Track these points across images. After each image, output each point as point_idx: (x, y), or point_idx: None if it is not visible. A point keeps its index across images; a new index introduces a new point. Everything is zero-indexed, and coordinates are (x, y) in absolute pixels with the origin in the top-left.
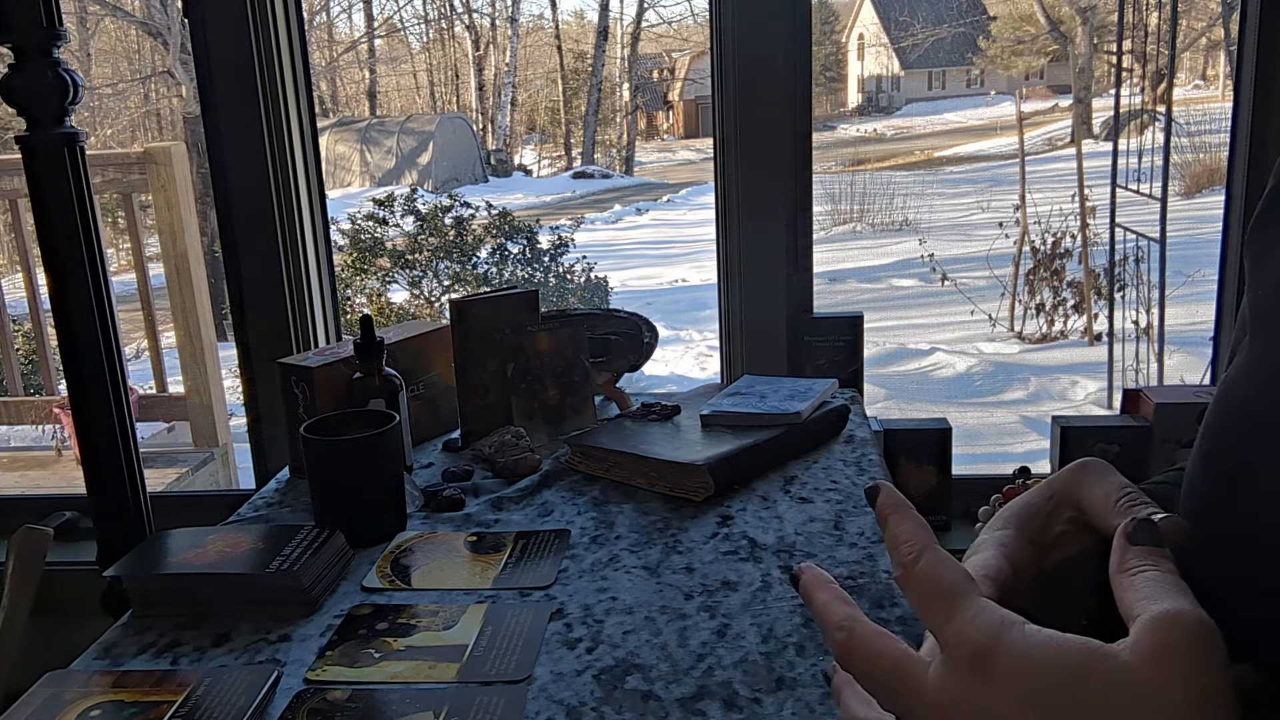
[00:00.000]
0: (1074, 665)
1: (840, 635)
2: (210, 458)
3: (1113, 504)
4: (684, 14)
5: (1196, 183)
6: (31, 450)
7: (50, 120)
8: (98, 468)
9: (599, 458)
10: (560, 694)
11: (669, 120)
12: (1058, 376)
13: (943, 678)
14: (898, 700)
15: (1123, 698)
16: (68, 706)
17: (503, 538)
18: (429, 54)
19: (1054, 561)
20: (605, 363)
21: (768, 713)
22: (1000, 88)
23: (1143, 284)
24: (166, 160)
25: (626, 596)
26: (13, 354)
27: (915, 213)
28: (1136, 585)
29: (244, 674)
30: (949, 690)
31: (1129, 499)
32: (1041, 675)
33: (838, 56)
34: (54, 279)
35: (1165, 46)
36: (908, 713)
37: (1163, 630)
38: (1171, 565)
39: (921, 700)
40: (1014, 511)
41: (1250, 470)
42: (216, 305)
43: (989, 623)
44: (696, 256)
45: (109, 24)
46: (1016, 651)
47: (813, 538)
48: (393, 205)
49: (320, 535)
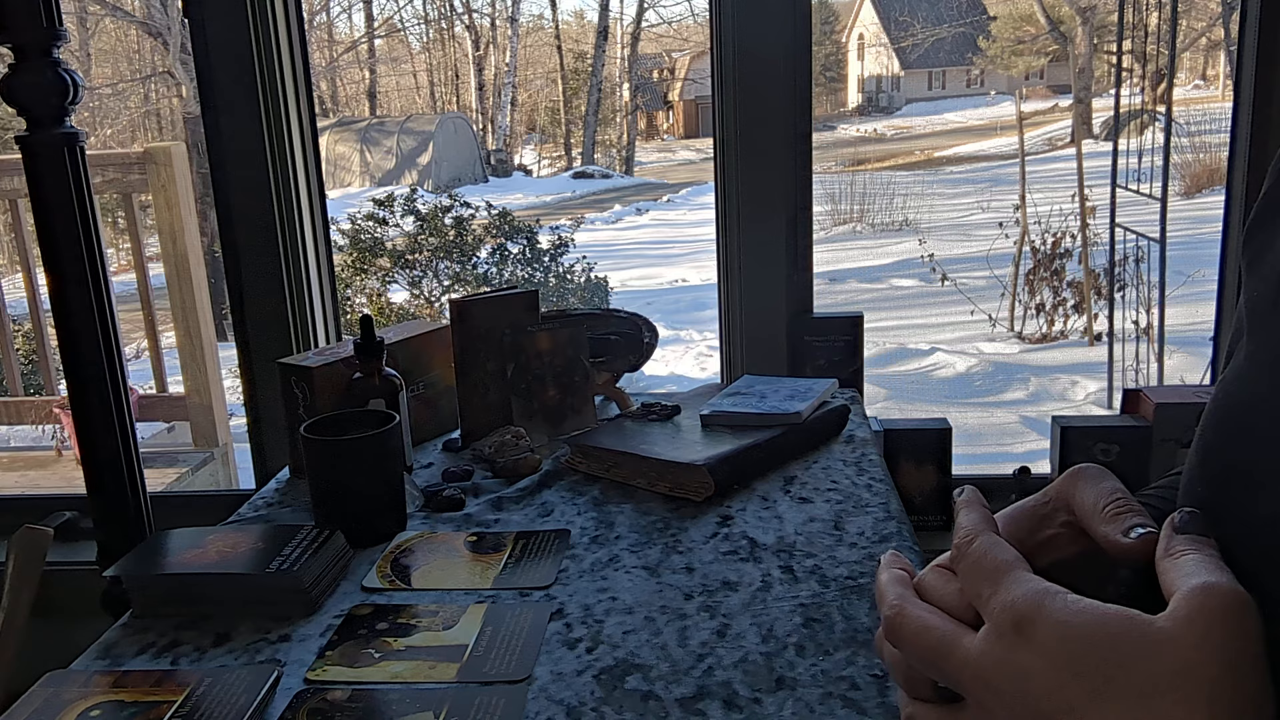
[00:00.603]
0: (1112, 631)
1: (890, 611)
2: (210, 458)
3: (1100, 509)
4: (684, 14)
5: (1196, 183)
6: (31, 450)
7: (50, 120)
8: (98, 468)
9: (599, 458)
10: (560, 694)
11: (669, 120)
12: (1058, 376)
13: (986, 645)
14: (942, 671)
15: (1157, 663)
16: (68, 706)
17: (503, 538)
18: (429, 54)
19: (1045, 563)
20: (605, 363)
21: (768, 713)
22: (1000, 88)
23: (1143, 284)
24: (166, 160)
25: (626, 596)
26: (13, 354)
27: (915, 213)
28: (1179, 565)
29: (244, 674)
30: (991, 655)
31: (1117, 505)
32: (1080, 641)
33: (838, 56)
34: (54, 279)
35: (1165, 46)
36: (953, 683)
37: (1199, 599)
38: (1215, 551)
39: (965, 669)
40: (1007, 512)
41: (1247, 471)
42: (216, 305)
43: (1032, 591)
44: (696, 256)
45: (109, 24)
46: (1057, 618)
47: (813, 538)
48: (393, 205)
49: (320, 535)
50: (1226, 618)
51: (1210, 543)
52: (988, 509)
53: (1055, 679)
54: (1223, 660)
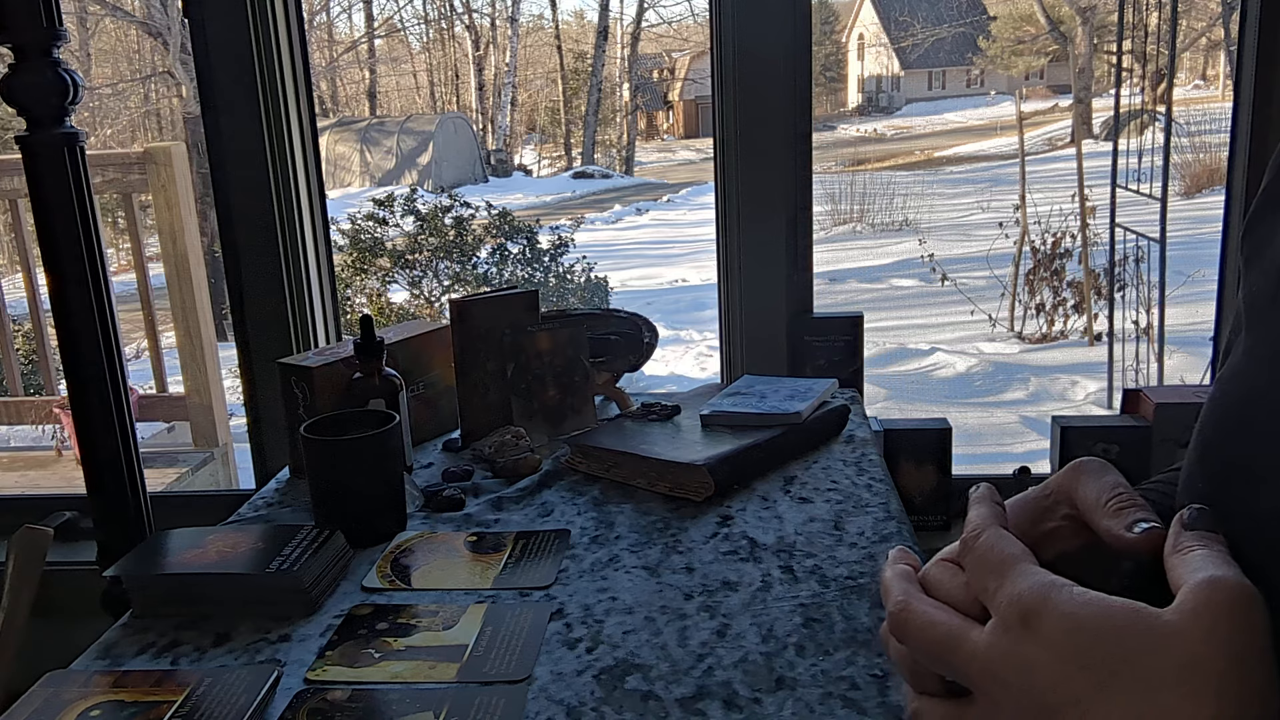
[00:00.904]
0: (1118, 624)
1: (895, 607)
2: (210, 458)
3: (1103, 503)
4: (684, 14)
5: (1196, 183)
6: (31, 450)
7: (50, 120)
8: (98, 468)
9: (599, 458)
10: (560, 694)
11: (669, 120)
12: (1058, 376)
13: (993, 638)
14: (949, 664)
15: (1164, 656)
16: (68, 706)
17: (503, 538)
18: (429, 54)
19: (1050, 556)
20: (605, 363)
21: (768, 713)
22: (1000, 88)
23: (1143, 284)
24: (166, 160)
25: (626, 596)
26: (13, 354)
27: (915, 213)
28: (1186, 561)
29: (244, 674)
30: (998, 648)
31: (1119, 499)
32: (1086, 633)
33: (838, 56)
34: (54, 279)
35: (1165, 46)
36: (960, 677)
37: (1205, 592)
38: (1223, 546)
39: (972, 663)
40: (1009, 504)
41: (1247, 467)
42: (216, 305)
43: (1038, 584)
44: (696, 256)
45: (109, 24)
46: (1063, 610)
47: (813, 538)
48: (393, 205)
49: (320, 535)
50: (1233, 611)
51: (1219, 538)
52: (1000, 505)
53: (1061, 671)
54: (1230, 654)
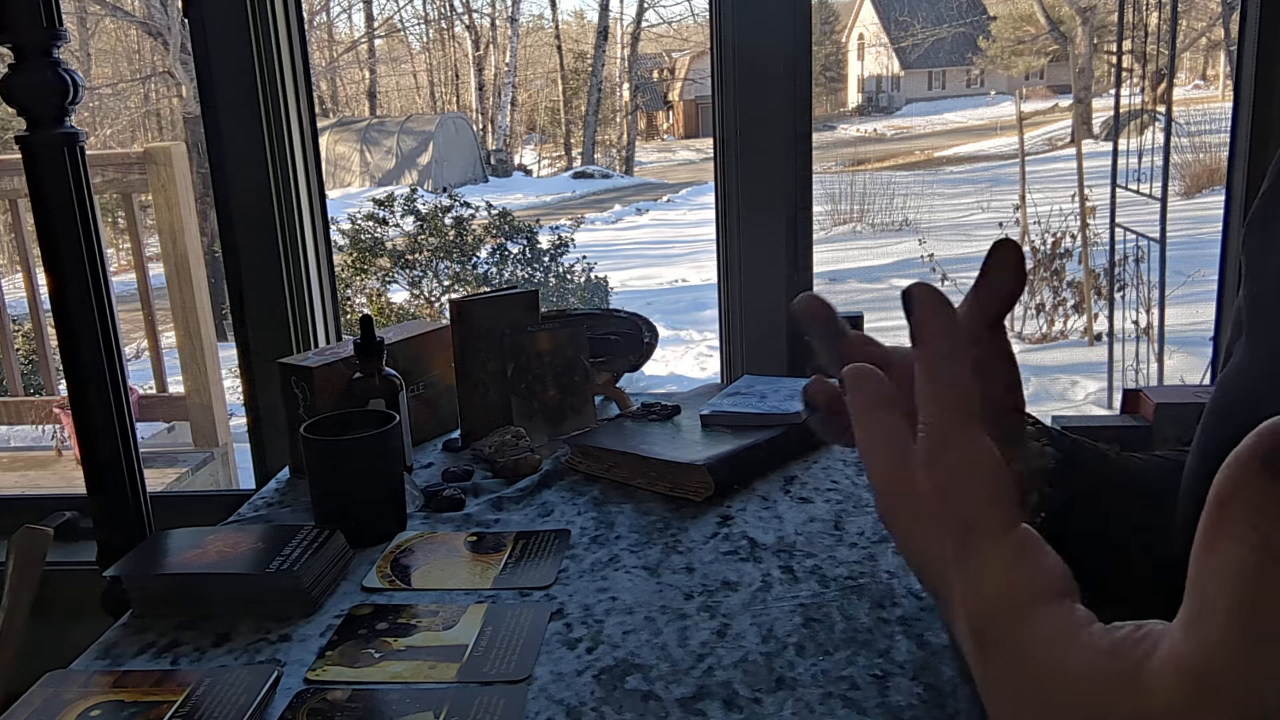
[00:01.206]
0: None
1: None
2: (210, 458)
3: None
4: (684, 14)
5: (1196, 183)
6: (31, 450)
7: (50, 120)
8: (98, 468)
9: (599, 458)
10: (560, 694)
11: (669, 120)
12: (1058, 376)
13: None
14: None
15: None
16: (68, 706)
17: (503, 538)
18: (429, 54)
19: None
20: (605, 363)
21: (768, 713)
22: (1000, 88)
23: (1143, 284)
24: (166, 160)
25: (626, 596)
26: (13, 354)
27: (915, 213)
28: (1223, 574)
29: (244, 674)
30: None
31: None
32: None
33: (838, 56)
34: (54, 279)
35: (1165, 46)
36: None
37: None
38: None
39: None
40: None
41: None
42: (216, 305)
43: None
44: (696, 256)
45: (109, 24)
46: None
47: (813, 538)
48: (393, 205)
49: (320, 535)
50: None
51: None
52: (954, 319)
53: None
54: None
